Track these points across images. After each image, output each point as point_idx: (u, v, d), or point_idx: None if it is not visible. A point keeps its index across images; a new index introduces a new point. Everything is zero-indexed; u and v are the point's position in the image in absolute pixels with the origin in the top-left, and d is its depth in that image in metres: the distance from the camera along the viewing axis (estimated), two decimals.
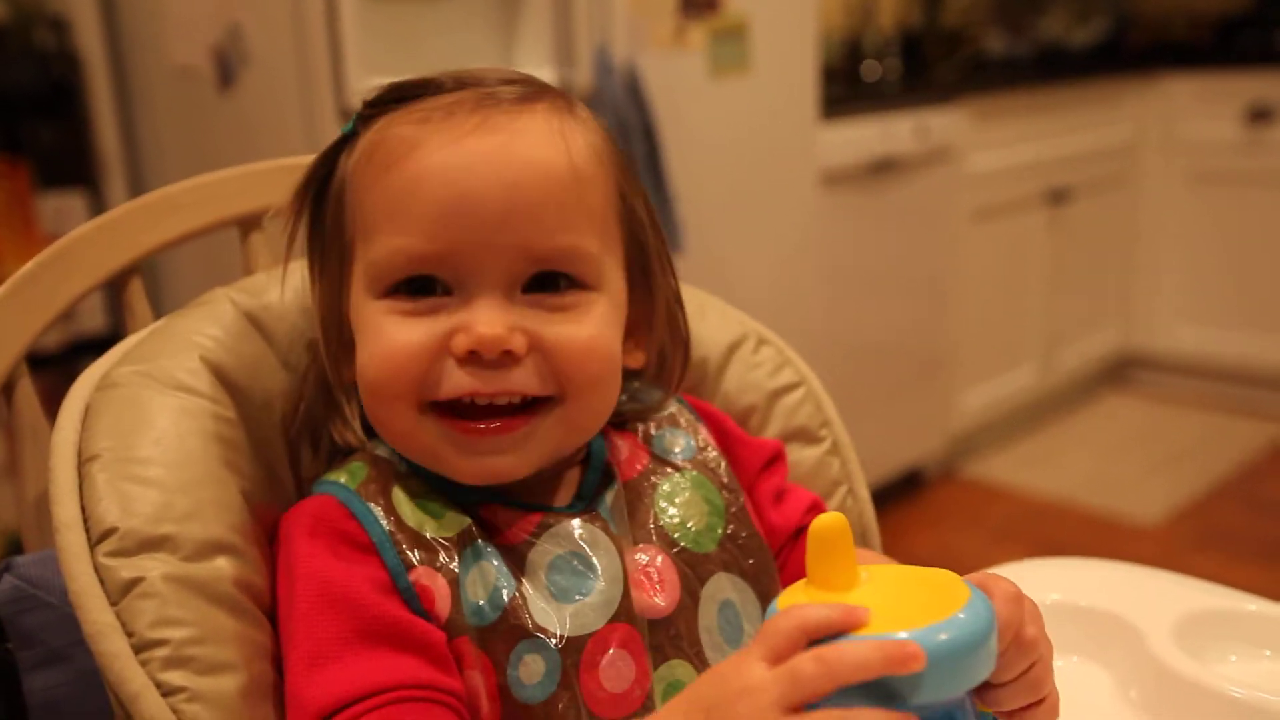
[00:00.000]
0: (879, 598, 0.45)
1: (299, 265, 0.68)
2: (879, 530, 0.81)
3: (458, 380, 0.58)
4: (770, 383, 0.79)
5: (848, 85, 2.81)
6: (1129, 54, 3.45)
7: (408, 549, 0.58)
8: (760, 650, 0.45)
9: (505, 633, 0.57)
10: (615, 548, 0.61)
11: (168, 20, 1.96)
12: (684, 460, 0.67)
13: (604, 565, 0.60)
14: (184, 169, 1.82)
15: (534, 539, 0.60)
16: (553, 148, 0.59)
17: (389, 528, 0.59)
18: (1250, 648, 0.72)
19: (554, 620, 0.58)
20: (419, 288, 0.59)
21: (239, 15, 1.78)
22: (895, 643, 0.42)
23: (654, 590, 0.61)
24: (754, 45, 2.12)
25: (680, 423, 0.70)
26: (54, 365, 1.66)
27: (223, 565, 0.58)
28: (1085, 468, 2.88)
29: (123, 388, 0.63)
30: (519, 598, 0.58)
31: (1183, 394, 3.30)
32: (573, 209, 0.59)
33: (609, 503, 0.63)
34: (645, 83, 1.92)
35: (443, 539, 0.59)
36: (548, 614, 0.58)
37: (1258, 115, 2.99)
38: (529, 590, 0.59)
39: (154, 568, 0.56)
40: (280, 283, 0.69)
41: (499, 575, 0.59)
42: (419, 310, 0.58)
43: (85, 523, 0.57)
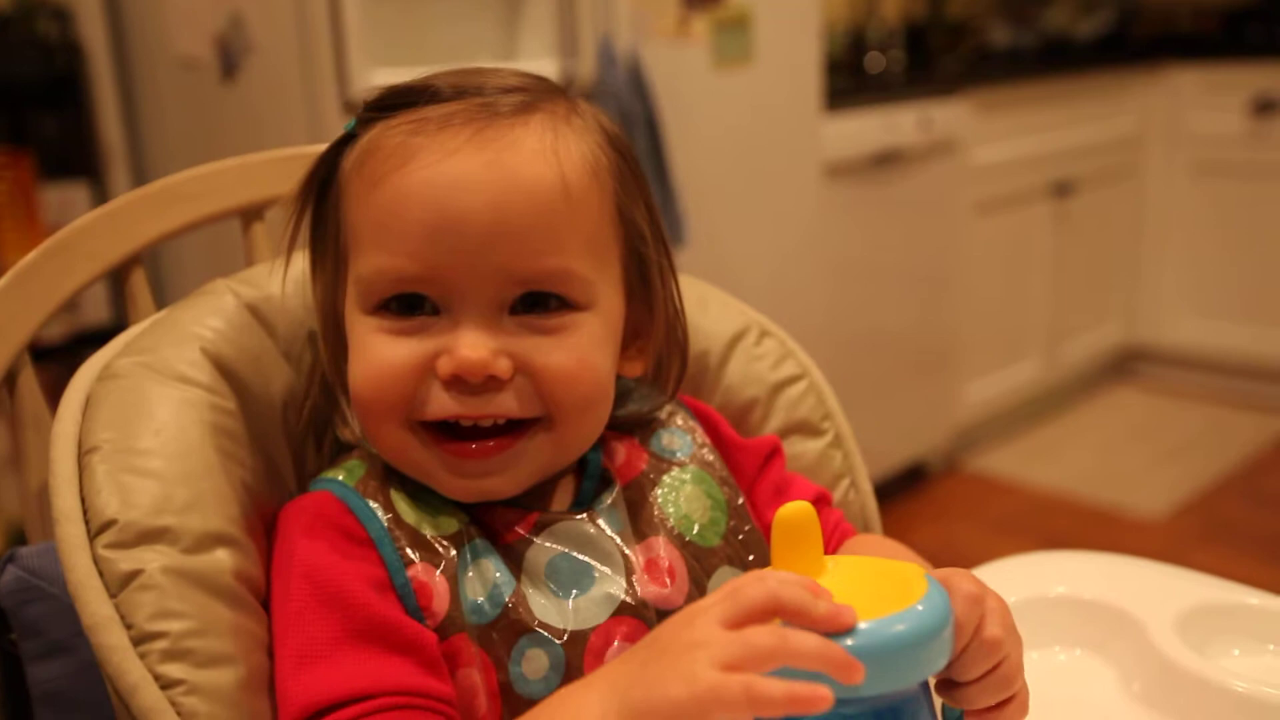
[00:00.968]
0: (839, 586, 0.46)
1: (299, 257, 0.68)
2: (882, 524, 0.81)
3: (443, 402, 0.57)
4: (773, 375, 0.79)
5: (851, 77, 2.81)
6: (1134, 46, 3.44)
7: (406, 545, 0.58)
8: (721, 611, 0.44)
9: (506, 629, 0.57)
10: (617, 544, 0.61)
11: (170, 10, 1.95)
12: (684, 457, 0.67)
13: (604, 561, 0.60)
14: (187, 159, 1.82)
15: (532, 537, 0.60)
16: (544, 164, 0.58)
17: (387, 524, 0.59)
18: (1254, 642, 0.72)
19: (556, 615, 0.58)
20: (408, 304, 0.58)
21: (241, 5, 1.77)
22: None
23: (663, 581, 0.61)
24: (757, 36, 2.12)
25: (678, 423, 0.70)
26: (57, 356, 1.66)
27: (222, 557, 0.58)
28: (1089, 461, 2.88)
29: (123, 379, 0.63)
30: (519, 595, 0.58)
31: (1187, 387, 3.30)
32: (562, 229, 0.58)
33: (608, 504, 0.63)
34: (648, 74, 1.91)
35: (441, 537, 0.59)
36: (549, 610, 0.58)
37: (1263, 107, 2.98)
38: (529, 587, 0.59)
39: (153, 560, 0.55)
40: (279, 275, 0.69)
41: (498, 573, 0.59)
42: (406, 329, 0.58)
43: (85, 514, 0.57)
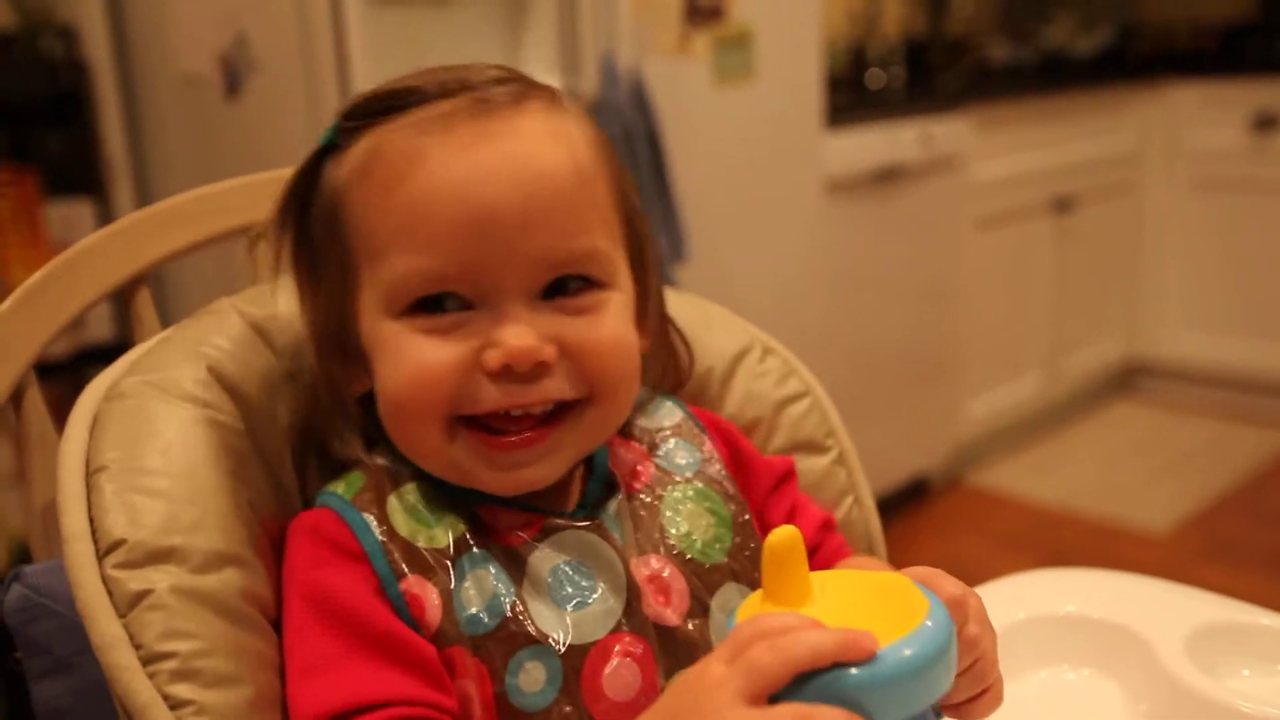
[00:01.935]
0: (836, 611, 0.46)
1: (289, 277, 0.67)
2: (885, 539, 0.81)
3: (492, 395, 0.57)
4: (776, 393, 0.79)
5: (852, 93, 2.81)
6: (1133, 62, 3.45)
7: (399, 558, 0.58)
8: (720, 652, 0.46)
9: (504, 640, 0.57)
10: (619, 558, 0.61)
11: (174, 28, 1.96)
12: (689, 473, 0.67)
13: (607, 574, 0.60)
14: (191, 177, 1.83)
15: (536, 543, 0.60)
16: (558, 148, 0.59)
17: (381, 537, 0.59)
18: (1263, 663, 0.71)
19: (556, 626, 0.58)
20: (434, 304, 0.58)
21: (245, 23, 1.78)
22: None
23: (663, 600, 0.61)
24: (758, 53, 2.13)
25: (685, 434, 0.69)
26: (62, 374, 1.66)
27: (230, 577, 0.58)
28: (1091, 476, 2.87)
29: (130, 398, 0.63)
30: (519, 604, 0.58)
31: (1188, 402, 3.30)
32: (584, 209, 0.59)
33: (612, 512, 0.63)
34: (650, 90, 1.92)
35: (436, 549, 0.59)
36: (549, 620, 0.58)
37: (1263, 123, 2.99)
38: (529, 596, 0.59)
39: (162, 580, 0.55)
40: (276, 295, 0.69)
41: (497, 583, 0.58)
42: (442, 327, 0.58)
43: (93, 534, 0.57)
